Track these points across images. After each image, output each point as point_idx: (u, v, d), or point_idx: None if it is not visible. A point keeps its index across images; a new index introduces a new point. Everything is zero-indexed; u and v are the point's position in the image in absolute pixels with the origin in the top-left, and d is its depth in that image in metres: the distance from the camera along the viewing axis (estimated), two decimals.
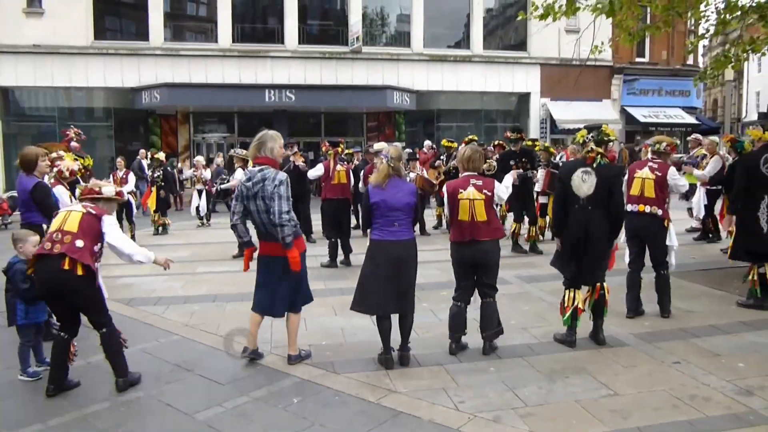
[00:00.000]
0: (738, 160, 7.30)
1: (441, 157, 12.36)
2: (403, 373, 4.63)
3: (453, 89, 23.57)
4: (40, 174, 5.80)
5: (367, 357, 5.00)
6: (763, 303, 6.25)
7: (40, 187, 5.69)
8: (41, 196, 5.64)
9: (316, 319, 6.03)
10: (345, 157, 10.69)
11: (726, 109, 23.90)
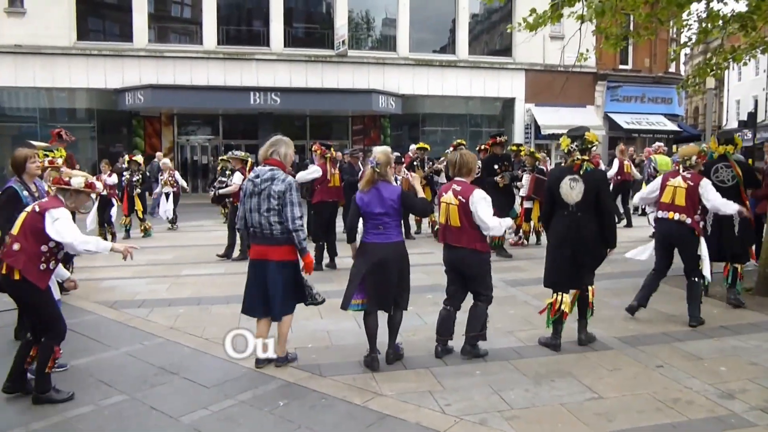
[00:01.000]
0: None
1: (415, 163, 12.21)
2: (389, 376, 4.63)
3: (438, 94, 23.69)
4: (30, 177, 5.43)
5: (353, 360, 4.99)
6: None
7: (5, 191, 5.38)
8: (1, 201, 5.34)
9: (302, 323, 6.00)
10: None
11: (707, 116, 24.27)
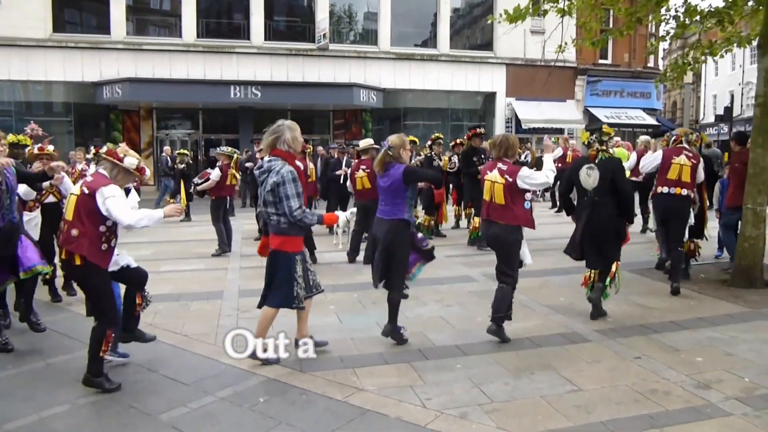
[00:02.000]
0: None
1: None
2: (370, 371, 4.63)
3: (420, 88, 23.69)
4: None
5: (334, 355, 4.98)
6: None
7: None
8: None
9: (282, 318, 5.97)
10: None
11: (685, 111, 24.57)
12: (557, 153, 14.10)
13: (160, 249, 10.33)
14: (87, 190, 4.16)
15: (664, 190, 6.92)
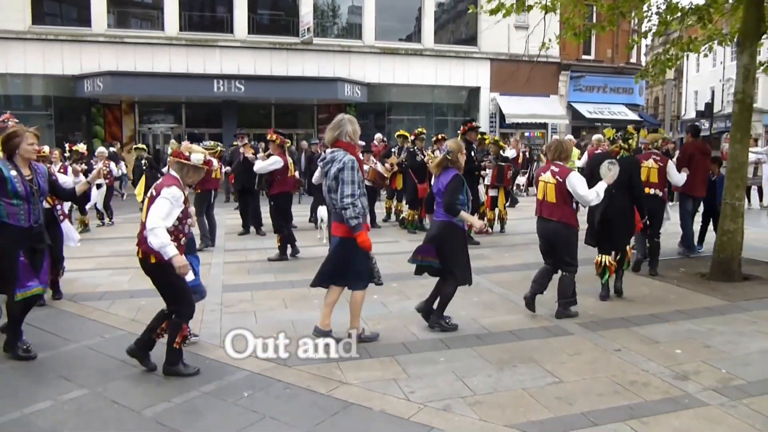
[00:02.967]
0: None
1: (393, 150, 12.29)
2: (354, 365, 4.64)
3: (404, 82, 23.68)
4: (23, 159, 4.89)
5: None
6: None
7: None
8: None
9: (266, 312, 5.99)
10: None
11: (666, 106, 24.82)
12: (511, 154, 14.54)
13: None
14: (155, 192, 4.33)
15: None
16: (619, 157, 6.46)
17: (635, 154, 7.22)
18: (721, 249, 7.42)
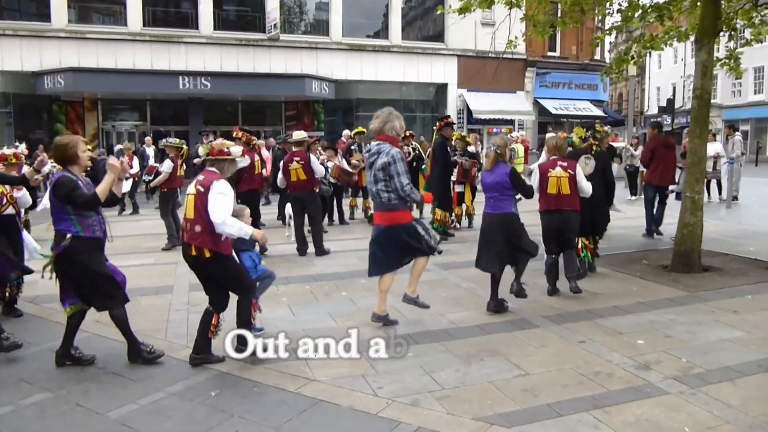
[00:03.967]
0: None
1: (353, 147, 12.19)
2: (322, 363, 4.63)
3: (372, 79, 23.68)
4: (80, 169, 4.74)
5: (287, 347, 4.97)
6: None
7: (59, 181, 4.60)
8: None
9: (233, 311, 5.93)
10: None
11: (630, 102, 25.22)
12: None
13: (107, 244, 10.06)
14: (202, 189, 4.44)
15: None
16: (594, 152, 7.09)
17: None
18: (681, 241, 7.60)
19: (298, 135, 9.17)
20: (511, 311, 5.93)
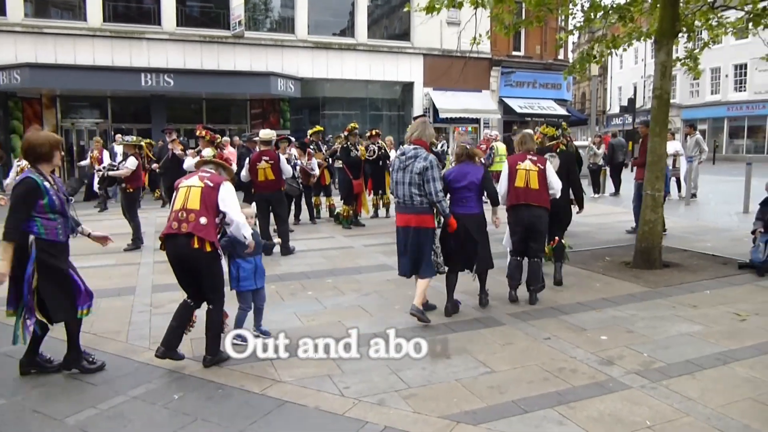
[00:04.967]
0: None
1: (311, 147, 11.99)
2: (288, 363, 4.59)
3: (338, 77, 23.58)
4: (50, 168, 4.50)
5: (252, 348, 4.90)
6: None
7: (23, 182, 4.36)
8: None
9: (199, 311, 5.83)
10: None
11: (592, 102, 25.66)
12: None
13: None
14: (211, 183, 4.46)
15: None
16: (559, 151, 6.94)
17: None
18: (642, 238, 7.75)
19: (265, 134, 9.00)
20: (478, 309, 5.96)
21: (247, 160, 8.85)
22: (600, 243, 9.51)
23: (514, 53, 27.18)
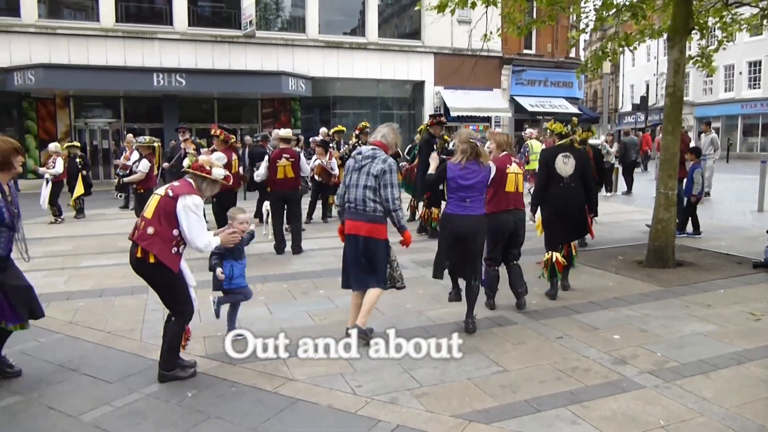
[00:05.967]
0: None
1: (331, 145, 12.04)
2: (301, 362, 4.60)
3: (348, 76, 23.62)
4: (8, 177, 4.37)
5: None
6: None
7: None
8: None
9: (210, 311, 5.87)
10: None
11: (604, 100, 25.50)
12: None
13: (80, 243, 9.92)
14: (171, 193, 4.15)
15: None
16: (575, 149, 6.61)
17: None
18: (655, 237, 7.71)
19: (285, 132, 9.06)
20: (488, 309, 5.94)
21: (266, 158, 8.91)
22: (612, 242, 9.46)
23: (525, 51, 27.09)
